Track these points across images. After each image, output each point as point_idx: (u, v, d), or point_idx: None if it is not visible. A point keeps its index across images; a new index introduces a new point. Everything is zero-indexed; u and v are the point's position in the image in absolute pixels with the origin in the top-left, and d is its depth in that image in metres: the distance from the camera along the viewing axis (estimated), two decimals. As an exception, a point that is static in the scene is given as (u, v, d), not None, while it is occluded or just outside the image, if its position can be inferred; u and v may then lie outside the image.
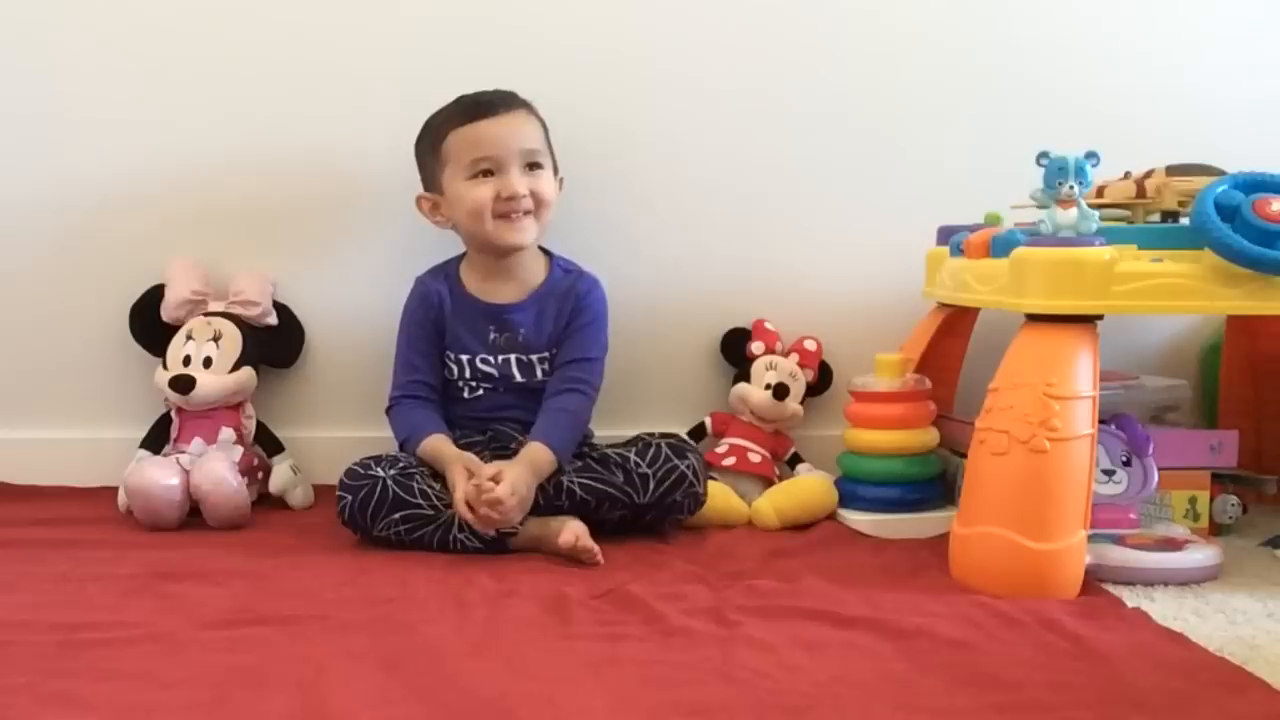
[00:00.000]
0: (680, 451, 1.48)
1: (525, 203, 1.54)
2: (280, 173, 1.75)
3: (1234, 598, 1.28)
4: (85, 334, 1.76)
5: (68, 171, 1.74)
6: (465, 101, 1.57)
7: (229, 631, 1.10)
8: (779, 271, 1.81)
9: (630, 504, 1.45)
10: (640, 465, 1.45)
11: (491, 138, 1.53)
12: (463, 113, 1.55)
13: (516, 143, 1.54)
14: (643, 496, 1.45)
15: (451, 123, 1.55)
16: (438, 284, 1.62)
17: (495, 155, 1.53)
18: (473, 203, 1.53)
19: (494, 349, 1.59)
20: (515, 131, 1.55)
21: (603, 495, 1.44)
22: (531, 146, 1.56)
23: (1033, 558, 1.24)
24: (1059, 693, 0.97)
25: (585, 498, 1.44)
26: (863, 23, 1.80)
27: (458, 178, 1.55)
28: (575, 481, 1.44)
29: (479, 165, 1.54)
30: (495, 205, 1.53)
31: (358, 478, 1.43)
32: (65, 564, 1.33)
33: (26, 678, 0.97)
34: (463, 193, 1.54)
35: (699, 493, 1.49)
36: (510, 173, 1.53)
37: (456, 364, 1.59)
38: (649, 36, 1.78)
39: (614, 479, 1.44)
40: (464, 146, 1.54)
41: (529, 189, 1.54)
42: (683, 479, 1.46)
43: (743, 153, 1.80)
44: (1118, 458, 1.41)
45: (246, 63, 1.74)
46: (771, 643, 1.08)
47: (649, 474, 1.44)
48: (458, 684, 0.97)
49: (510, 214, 1.54)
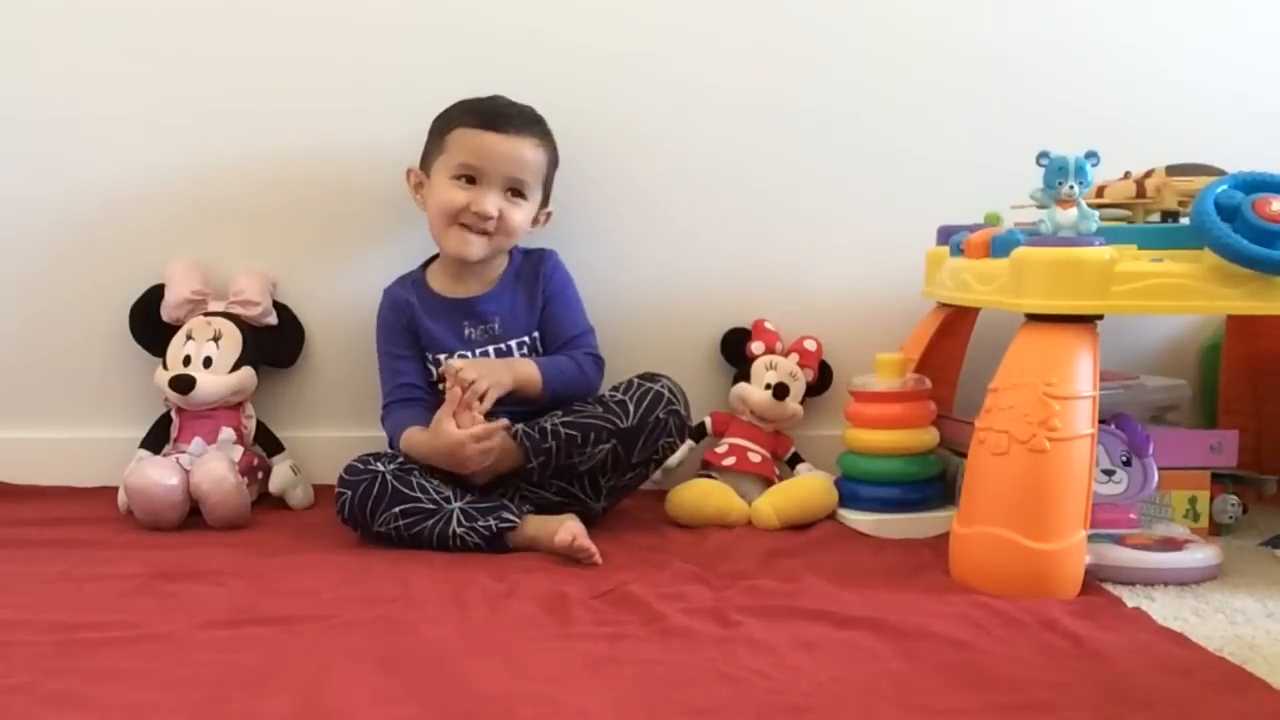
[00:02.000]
0: (652, 376, 1.51)
1: (489, 224, 1.55)
2: (280, 173, 1.75)
3: (1234, 598, 1.28)
4: (85, 334, 1.76)
5: (68, 171, 1.74)
6: (489, 106, 1.58)
7: (229, 631, 1.10)
8: (779, 271, 1.81)
9: (615, 430, 1.46)
10: (615, 394, 1.49)
11: (489, 150, 1.55)
12: (479, 116, 1.57)
13: (509, 166, 1.56)
14: (625, 420, 1.46)
15: (466, 119, 1.57)
16: (405, 291, 1.63)
17: (483, 168, 1.55)
18: (445, 201, 1.55)
19: (470, 343, 1.60)
20: (513, 155, 1.56)
21: (587, 427, 1.46)
22: (521, 176, 1.57)
23: (1033, 558, 1.24)
24: (1059, 693, 0.97)
25: (571, 434, 1.45)
26: (863, 23, 1.80)
27: (444, 171, 1.57)
28: (558, 422, 1.46)
29: (465, 170, 1.56)
30: (461, 214, 1.55)
31: (357, 473, 1.44)
32: (65, 564, 1.33)
33: (26, 678, 0.97)
34: (440, 187, 1.57)
35: (679, 410, 1.51)
36: (489, 191, 1.55)
37: (435, 364, 1.59)
38: (649, 37, 1.78)
39: (593, 410, 1.47)
40: (463, 147, 1.55)
41: (499, 211, 1.55)
42: (660, 397, 1.48)
43: (743, 153, 1.80)
44: (1118, 458, 1.41)
45: (247, 63, 1.74)
46: (771, 643, 1.08)
47: (625, 400, 1.47)
48: (458, 684, 0.97)
49: (470, 226, 1.56)
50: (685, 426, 1.53)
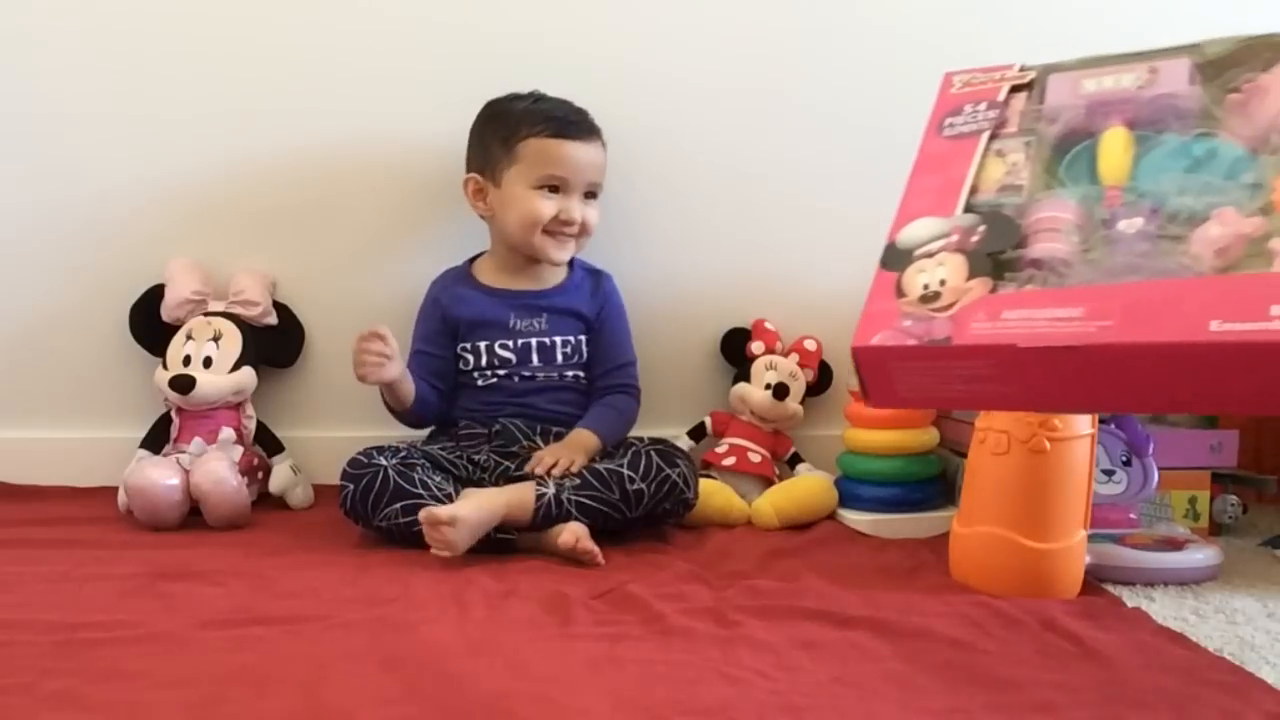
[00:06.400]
0: (670, 459, 1.49)
1: (575, 229, 1.60)
2: (280, 173, 1.75)
3: (1234, 598, 1.28)
4: (85, 334, 1.76)
5: (68, 171, 1.74)
6: (552, 112, 1.60)
7: (229, 631, 1.10)
8: (779, 271, 1.82)
9: (623, 518, 1.46)
10: (634, 480, 1.45)
11: (570, 159, 1.58)
12: (551, 124, 1.58)
13: (590, 173, 1.61)
14: (635, 511, 1.45)
15: (536, 128, 1.58)
16: (447, 282, 1.67)
17: (567, 177, 1.58)
18: (532, 213, 1.58)
19: (515, 333, 1.62)
20: (593, 162, 1.61)
21: (597, 514, 1.44)
22: (599, 180, 1.63)
23: (1033, 558, 1.24)
24: (1059, 693, 0.97)
25: (580, 510, 1.43)
26: (863, 23, 1.80)
27: (522, 181, 1.58)
28: (573, 500, 1.43)
29: (549, 180, 1.58)
30: (550, 224, 1.58)
31: (360, 467, 1.44)
32: (65, 564, 1.33)
33: (26, 678, 0.97)
34: (523, 198, 1.58)
35: (689, 499, 1.50)
36: (574, 198, 1.59)
37: (474, 352, 1.62)
38: (649, 37, 1.78)
39: (610, 497, 1.44)
40: (542, 157, 1.57)
41: (582, 217, 1.60)
42: (674, 488, 1.47)
43: (743, 153, 1.80)
44: (1118, 458, 1.41)
45: (247, 63, 1.74)
46: (771, 643, 1.08)
47: (643, 489, 1.45)
48: (458, 684, 0.97)
49: (559, 234, 1.60)
50: (691, 506, 1.52)
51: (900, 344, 0.90)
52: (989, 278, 0.90)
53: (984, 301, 0.89)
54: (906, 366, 0.91)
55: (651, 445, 1.52)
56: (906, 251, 0.96)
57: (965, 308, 0.89)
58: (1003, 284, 0.90)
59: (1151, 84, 0.97)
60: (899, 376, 0.92)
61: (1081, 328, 0.83)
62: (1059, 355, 0.84)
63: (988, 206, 0.96)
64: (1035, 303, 0.87)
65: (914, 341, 0.89)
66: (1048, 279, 0.89)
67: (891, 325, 0.91)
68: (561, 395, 1.63)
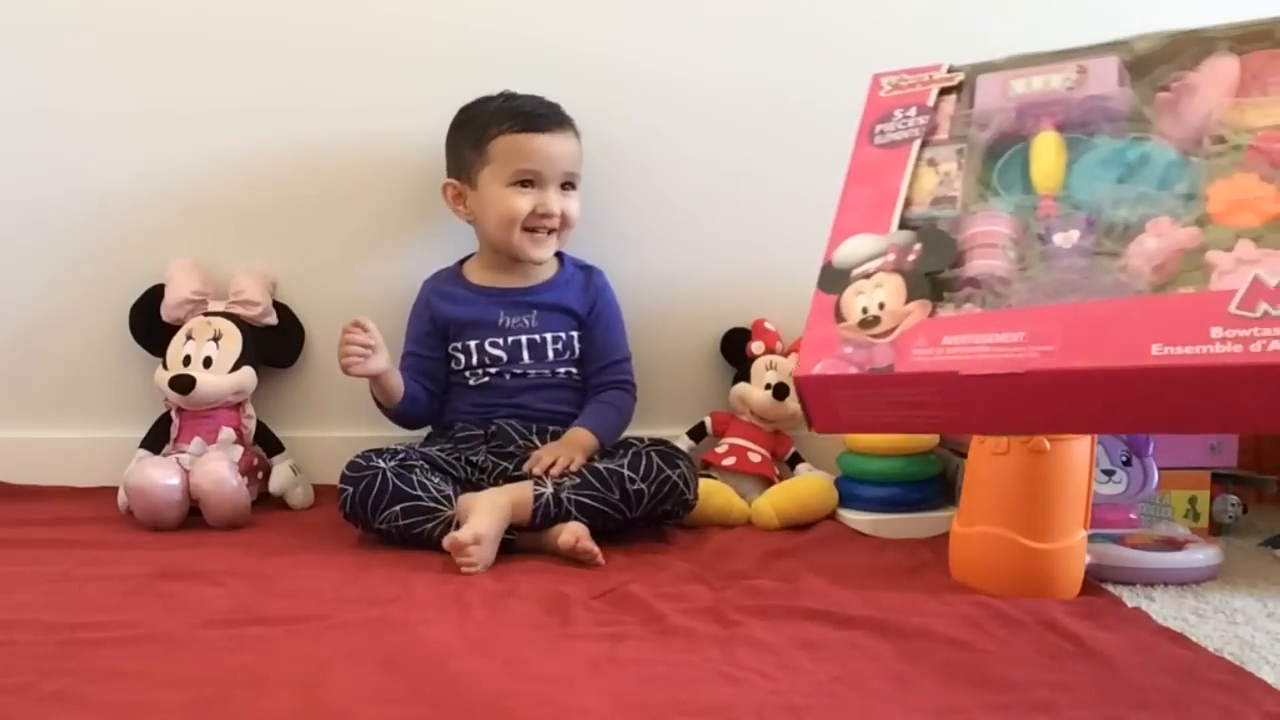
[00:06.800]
0: (670, 459, 1.48)
1: (554, 221, 1.59)
2: (280, 173, 1.75)
3: (1234, 598, 1.28)
4: (85, 334, 1.76)
5: (68, 171, 1.74)
6: (520, 108, 1.59)
7: (229, 631, 1.10)
8: (779, 271, 1.81)
9: (623, 519, 1.45)
10: (635, 481, 1.45)
11: (541, 152, 1.57)
12: (518, 120, 1.58)
13: (563, 163, 1.59)
14: (635, 511, 1.45)
15: (504, 126, 1.57)
16: (437, 283, 1.67)
17: (540, 170, 1.58)
18: (508, 210, 1.57)
19: (505, 330, 1.62)
20: (563, 151, 1.59)
21: (597, 514, 1.44)
22: (574, 170, 1.61)
23: (1033, 558, 1.24)
24: (1059, 693, 0.97)
25: (579, 509, 1.43)
26: (864, 23, 1.80)
27: (497, 180, 1.58)
28: (572, 499, 1.43)
29: (522, 175, 1.57)
30: (527, 219, 1.58)
31: (359, 469, 1.44)
32: (65, 564, 1.33)
33: (26, 678, 0.97)
34: (499, 197, 1.58)
35: (689, 500, 1.50)
36: (549, 190, 1.59)
37: (464, 351, 1.62)
38: (650, 36, 1.78)
39: (610, 497, 1.44)
40: (513, 153, 1.57)
41: (560, 209, 1.59)
42: (675, 489, 1.47)
43: (743, 152, 1.80)
44: (1118, 458, 1.41)
45: (247, 62, 1.74)
46: (771, 643, 1.08)
47: (644, 490, 1.45)
48: (458, 684, 0.97)
49: (538, 229, 1.59)
50: (691, 506, 1.51)
51: (843, 373, 0.88)
52: (928, 299, 0.89)
53: (924, 326, 0.87)
54: (850, 395, 0.89)
55: (652, 446, 1.52)
56: (844, 272, 0.95)
57: (906, 333, 0.87)
58: (942, 305, 0.88)
59: (1081, 84, 0.96)
60: (843, 404, 0.90)
61: (1024, 353, 0.82)
62: (1001, 382, 0.82)
63: (923, 220, 0.95)
64: (976, 327, 0.85)
65: (856, 370, 0.88)
66: (986, 299, 0.87)
67: (833, 353, 0.89)
68: (555, 393, 1.63)
